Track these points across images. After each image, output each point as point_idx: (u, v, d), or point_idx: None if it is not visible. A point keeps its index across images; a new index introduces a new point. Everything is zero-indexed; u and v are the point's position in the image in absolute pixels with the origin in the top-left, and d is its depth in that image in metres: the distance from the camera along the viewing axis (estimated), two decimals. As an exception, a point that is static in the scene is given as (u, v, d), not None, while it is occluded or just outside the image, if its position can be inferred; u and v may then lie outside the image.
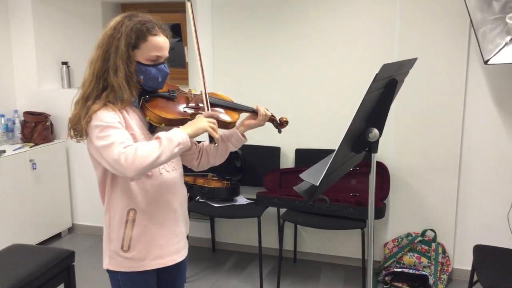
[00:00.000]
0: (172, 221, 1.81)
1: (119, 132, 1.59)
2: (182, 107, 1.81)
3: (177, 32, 4.34)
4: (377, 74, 1.37)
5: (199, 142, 1.99)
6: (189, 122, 1.71)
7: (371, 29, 3.38)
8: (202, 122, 1.69)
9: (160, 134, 1.59)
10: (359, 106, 1.38)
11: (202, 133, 1.70)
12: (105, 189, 1.77)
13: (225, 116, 1.88)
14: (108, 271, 1.80)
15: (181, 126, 1.69)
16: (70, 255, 2.78)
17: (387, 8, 3.32)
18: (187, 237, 1.94)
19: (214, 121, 1.73)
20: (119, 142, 1.55)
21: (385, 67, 1.41)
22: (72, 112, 1.69)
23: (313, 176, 1.45)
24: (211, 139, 1.76)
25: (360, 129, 1.56)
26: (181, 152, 1.63)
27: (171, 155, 1.58)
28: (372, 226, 1.70)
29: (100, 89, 1.66)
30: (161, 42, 1.70)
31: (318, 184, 1.40)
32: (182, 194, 1.87)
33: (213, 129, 1.70)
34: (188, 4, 1.88)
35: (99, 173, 1.75)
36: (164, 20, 1.76)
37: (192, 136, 1.65)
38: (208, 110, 1.81)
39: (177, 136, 1.59)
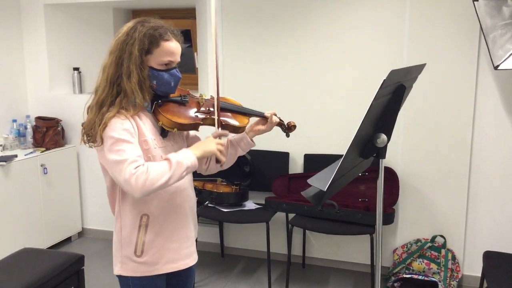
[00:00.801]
0: (184, 225, 1.83)
1: (132, 149, 1.61)
2: (193, 112, 1.82)
3: (187, 38, 4.37)
4: (384, 80, 1.38)
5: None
6: (198, 143, 1.75)
7: (380, 34, 3.38)
8: (211, 145, 1.72)
9: (171, 156, 1.62)
10: (367, 112, 1.39)
11: (210, 155, 1.74)
12: (115, 196, 1.78)
13: (235, 121, 1.89)
14: (119, 276, 1.81)
15: (190, 147, 1.71)
16: (80, 259, 2.80)
17: (396, 13, 3.32)
18: (196, 241, 1.95)
19: (223, 142, 1.76)
20: (131, 161, 1.57)
21: (393, 73, 1.41)
22: (86, 117, 1.72)
23: (321, 181, 1.46)
24: (218, 160, 1.78)
25: (368, 135, 1.56)
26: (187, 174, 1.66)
27: (179, 178, 1.62)
28: (380, 232, 1.70)
29: (114, 94, 1.68)
30: (173, 47, 1.72)
31: (325, 189, 1.40)
32: (192, 199, 1.89)
33: (221, 152, 1.74)
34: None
35: (108, 180, 1.76)
36: (174, 26, 1.78)
37: (200, 159, 1.69)
38: (218, 128, 1.82)
39: (186, 159, 1.63)
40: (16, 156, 3.73)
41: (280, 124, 2.02)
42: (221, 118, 1.85)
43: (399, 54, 3.34)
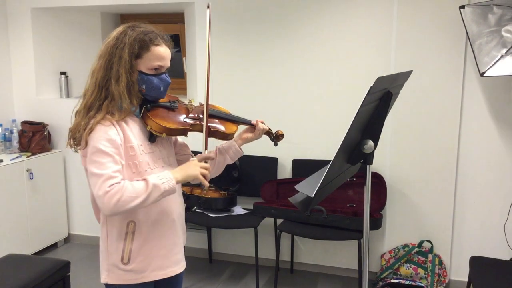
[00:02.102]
0: (171, 231, 1.81)
1: (111, 163, 1.59)
2: (182, 118, 1.82)
3: (176, 43, 4.36)
4: (371, 87, 1.39)
5: (195, 154, 2.00)
6: (181, 166, 1.72)
7: (368, 41, 3.40)
8: (194, 169, 1.70)
9: (150, 178, 1.61)
10: (354, 118, 1.40)
11: (192, 180, 1.72)
12: None
13: (223, 128, 1.89)
14: (106, 284, 1.78)
15: (172, 170, 1.69)
16: (66, 266, 2.78)
17: (384, 21, 3.34)
18: (184, 248, 1.93)
19: (207, 166, 1.74)
20: (107, 177, 1.57)
21: (380, 80, 1.42)
22: (74, 121, 1.70)
23: (308, 187, 1.46)
24: (200, 184, 1.76)
25: (356, 141, 1.57)
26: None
27: (154, 201, 1.62)
28: (367, 237, 1.71)
29: (102, 98, 1.67)
30: (163, 52, 1.72)
31: (313, 195, 1.40)
32: (180, 205, 1.87)
33: (205, 176, 1.71)
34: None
35: None
36: (163, 31, 1.78)
37: (180, 182, 1.68)
38: (205, 150, 1.80)
39: (165, 183, 1.61)
40: (1, 161, 3.68)
41: (269, 133, 2.02)
42: (210, 124, 1.84)
43: (386, 61, 3.36)
